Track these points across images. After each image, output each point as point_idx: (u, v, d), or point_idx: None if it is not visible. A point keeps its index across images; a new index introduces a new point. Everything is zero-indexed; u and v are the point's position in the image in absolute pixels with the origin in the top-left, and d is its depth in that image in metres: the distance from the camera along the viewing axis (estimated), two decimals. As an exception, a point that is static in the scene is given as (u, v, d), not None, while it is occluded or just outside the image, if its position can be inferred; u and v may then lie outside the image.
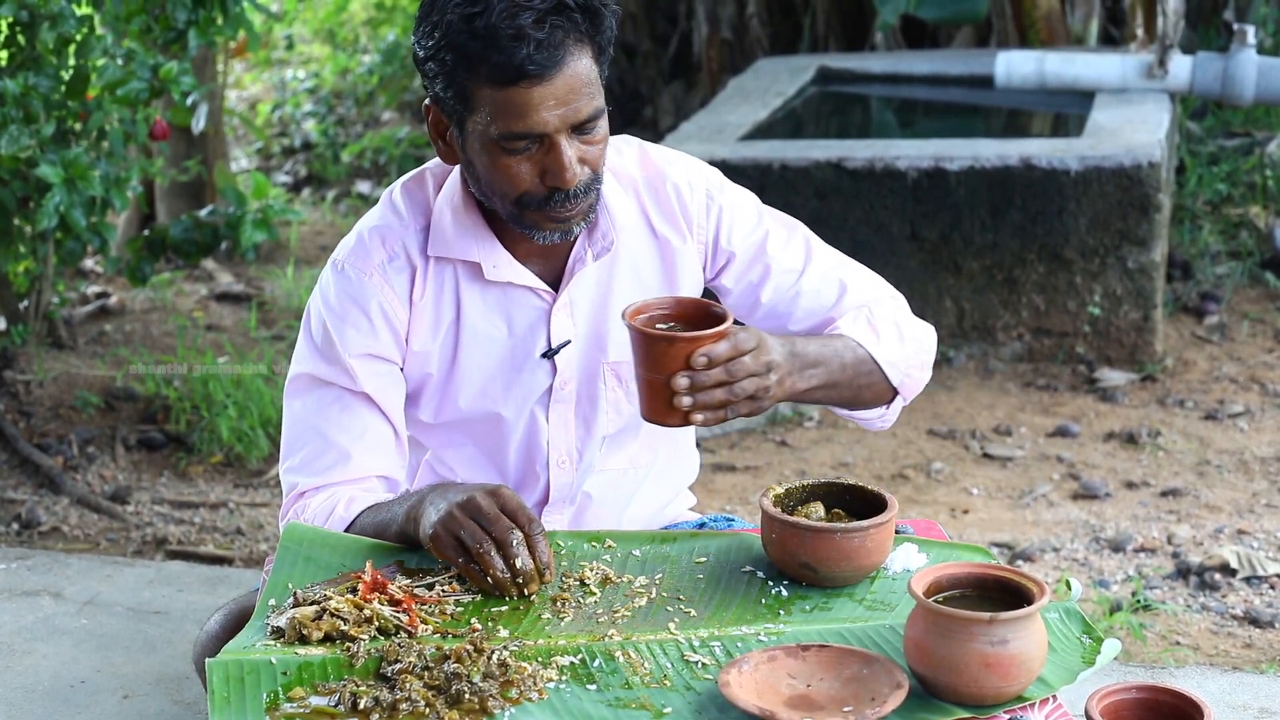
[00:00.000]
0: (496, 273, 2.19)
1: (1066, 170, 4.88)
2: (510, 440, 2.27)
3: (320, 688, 1.79)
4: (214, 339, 5.34)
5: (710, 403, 1.96)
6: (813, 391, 2.13)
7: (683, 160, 2.30)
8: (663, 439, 2.37)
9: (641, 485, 2.37)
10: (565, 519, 2.34)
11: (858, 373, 2.19)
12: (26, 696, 3.13)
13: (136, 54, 4.49)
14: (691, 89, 8.08)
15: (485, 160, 2.07)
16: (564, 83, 2.02)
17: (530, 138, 2.04)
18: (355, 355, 2.19)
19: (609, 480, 2.33)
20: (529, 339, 2.23)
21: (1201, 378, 4.95)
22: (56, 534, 4.09)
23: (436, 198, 2.22)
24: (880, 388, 2.23)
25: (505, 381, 2.24)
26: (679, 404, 1.96)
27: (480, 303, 2.22)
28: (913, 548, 2.09)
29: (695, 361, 1.95)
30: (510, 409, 2.25)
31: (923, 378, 2.29)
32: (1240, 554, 3.73)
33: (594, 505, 2.34)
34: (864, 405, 2.26)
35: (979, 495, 4.24)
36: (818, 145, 5.26)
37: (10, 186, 4.36)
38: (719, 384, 1.96)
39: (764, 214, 2.31)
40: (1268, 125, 6.46)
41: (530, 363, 2.24)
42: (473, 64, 2.01)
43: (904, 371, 2.24)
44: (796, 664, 1.79)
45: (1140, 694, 1.86)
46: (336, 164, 8.08)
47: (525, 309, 2.23)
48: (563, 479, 2.30)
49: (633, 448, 2.34)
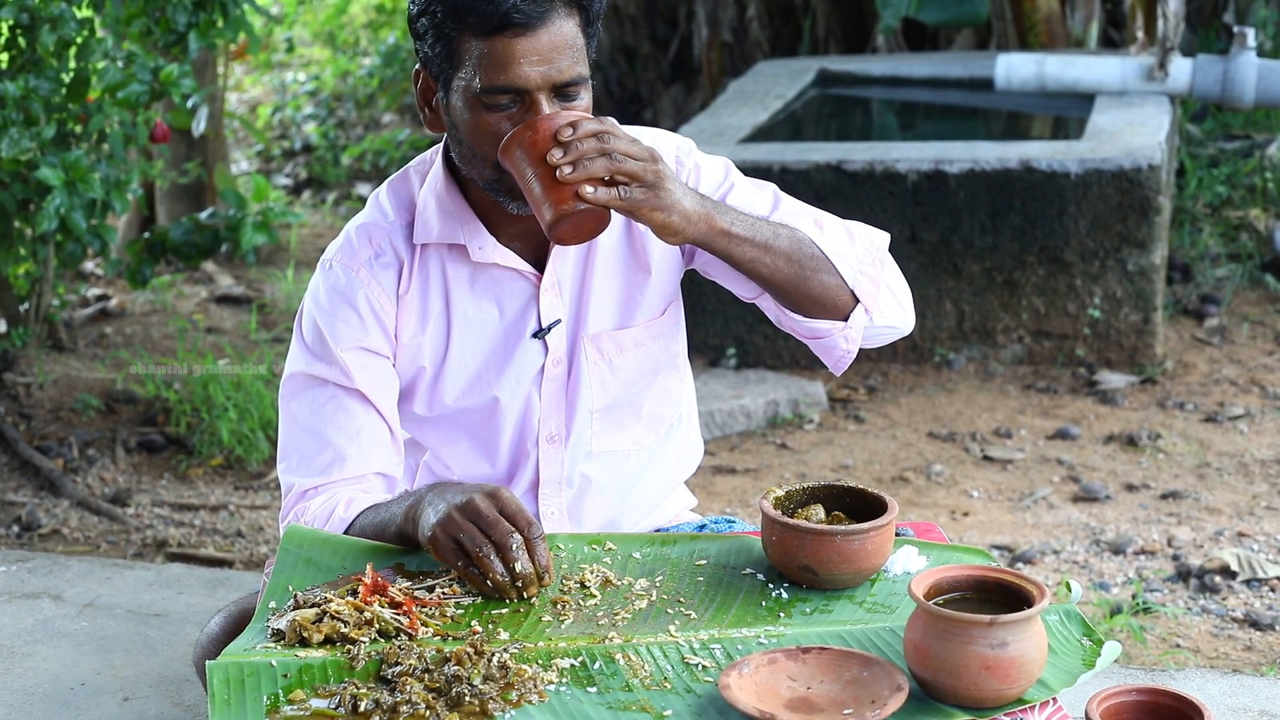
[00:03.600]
0: (482, 254, 2.21)
1: (1066, 173, 4.88)
2: (505, 423, 2.28)
3: (320, 690, 1.79)
4: (214, 341, 5.35)
5: (593, 170, 1.96)
6: (743, 246, 2.09)
7: (652, 132, 2.30)
8: (669, 422, 2.38)
9: (644, 469, 2.37)
10: (564, 501, 2.33)
11: (799, 253, 2.13)
12: (26, 699, 3.13)
13: (137, 57, 4.49)
14: (691, 92, 8.08)
15: (468, 119, 2.09)
16: (548, 39, 2.04)
17: (512, 92, 2.05)
18: (347, 350, 2.21)
19: (610, 462, 2.33)
20: (520, 321, 2.25)
21: (1201, 380, 4.95)
22: (57, 536, 4.09)
23: (421, 191, 2.24)
24: (833, 285, 2.16)
25: (499, 365, 2.26)
26: (562, 176, 1.96)
27: (469, 289, 2.24)
28: (913, 550, 2.09)
29: (562, 134, 1.97)
30: (506, 391, 2.26)
31: (880, 281, 2.21)
32: (1240, 556, 3.73)
33: (594, 488, 2.34)
34: (818, 305, 2.17)
35: (979, 498, 4.24)
36: (818, 148, 5.27)
37: (11, 189, 4.36)
38: (596, 151, 1.97)
39: (731, 171, 2.30)
40: (1268, 128, 6.47)
41: (522, 344, 2.26)
42: (460, 14, 2.05)
43: (855, 269, 2.18)
44: (797, 666, 1.80)
45: (1140, 696, 1.86)
46: (337, 166, 8.09)
47: (513, 291, 2.25)
48: (553, 456, 2.30)
49: (635, 429, 2.34)
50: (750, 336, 5.11)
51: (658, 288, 2.30)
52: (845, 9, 7.61)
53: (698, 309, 5.04)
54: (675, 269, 2.32)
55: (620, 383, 2.29)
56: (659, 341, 2.32)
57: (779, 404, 4.82)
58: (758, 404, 4.79)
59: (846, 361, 2.26)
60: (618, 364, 2.29)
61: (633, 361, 2.30)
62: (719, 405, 4.75)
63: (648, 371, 2.32)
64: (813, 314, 2.20)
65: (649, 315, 2.30)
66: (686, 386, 2.43)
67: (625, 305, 2.29)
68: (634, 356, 2.30)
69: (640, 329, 2.29)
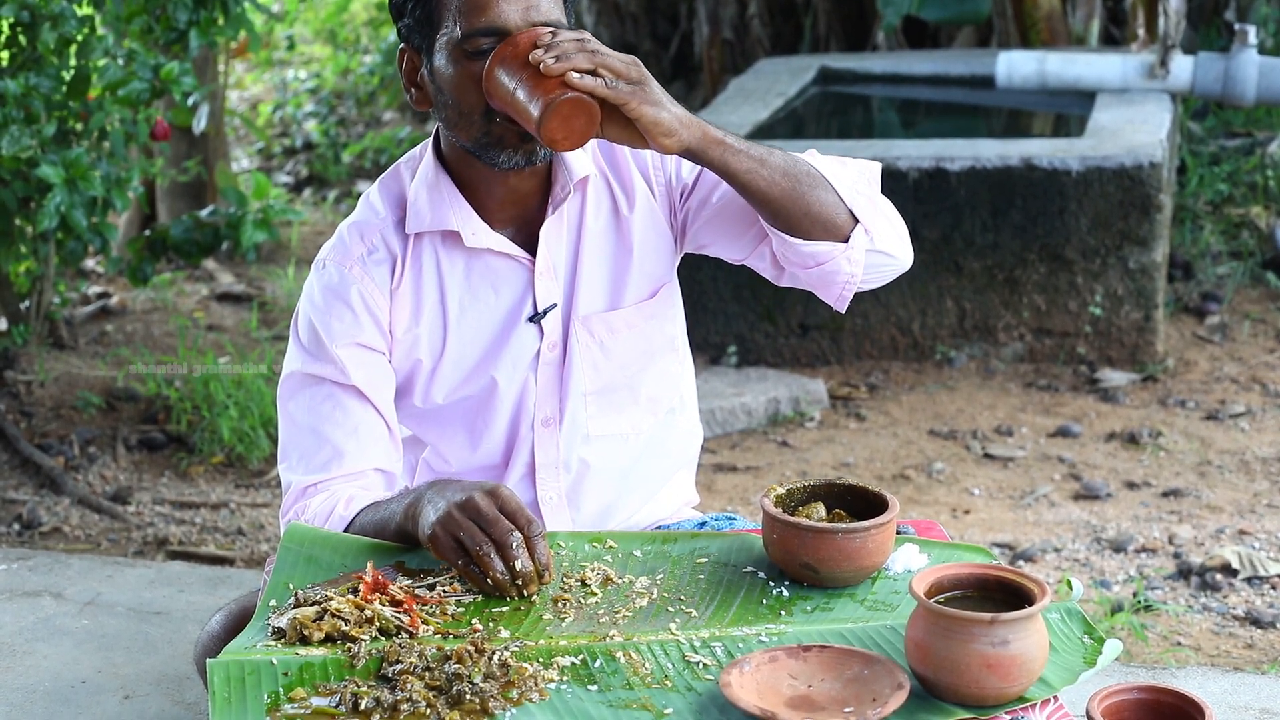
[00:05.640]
0: (475, 239, 2.22)
1: (1068, 170, 4.88)
2: (501, 408, 2.28)
3: (321, 688, 1.79)
4: (215, 339, 5.35)
5: (577, 61, 1.98)
6: (739, 156, 2.09)
7: None
8: (668, 405, 2.37)
9: (643, 453, 2.37)
10: (563, 487, 2.33)
11: (795, 169, 2.14)
12: (27, 697, 3.13)
13: (138, 54, 4.49)
14: (692, 89, 8.08)
15: (453, 77, 2.11)
16: None
17: (493, 34, 2.07)
18: (342, 346, 2.22)
19: (608, 446, 2.33)
20: (515, 306, 2.26)
21: (1203, 378, 4.95)
22: (57, 534, 4.09)
23: (411, 184, 2.25)
24: (830, 202, 2.14)
25: (496, 351, 2.26)
26: (545, 68, 1.97)
27: (463, 277, 2.25)
28: (914, 548, 2.09)
29: (542, 39, 2.01)
30: (504, 376, 2.27)
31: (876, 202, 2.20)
32: (1241, 554, 3.73)
33: (592, 472, 2.33)
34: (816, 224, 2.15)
35: (980, 495, 4.24)
36: (819, 146, 5.25)
37: (11, 187, 4.36)
38: (577, 49, 1.99)
39: None
40: (1269, 125, 6.46)
41: (518, 329, 2.26)
42: None
43: (852, 188, 2.17)
44: (798, 664, 1.79)
45: (1141, 694, 1.86)
46: (337, 164, 8.09)
47: (508, 276, 2.25)
48: (548, 439, 2.30)
49: (633, 412, 2.33)
50: (751, 334, 5.11)
51: (645, 268, 2.30)
52: (846, 7, 7.61)
53: (698, 307, 5.04)
54: (665, 251, 2.32)
55: (614, 365, 2.29)
56: (652, 323, 2.32)
57: (780, 402, 4.82)
58: (759, 402, 4.79)
59: (849, 291, 2.23)
60: (609, 346, 2.29)
61: (625, 343, 2.30)
62: (720, 403, 4.75)
63: (642, 353, 2.32)
64: (812, 234, 2.16)
65: (638, 296, 2.30)
66: (686, 371, 2.43)
67: (614, 287, 2.29)
68: (626, 338, 2.29)
69: (631, 310, 2.29)
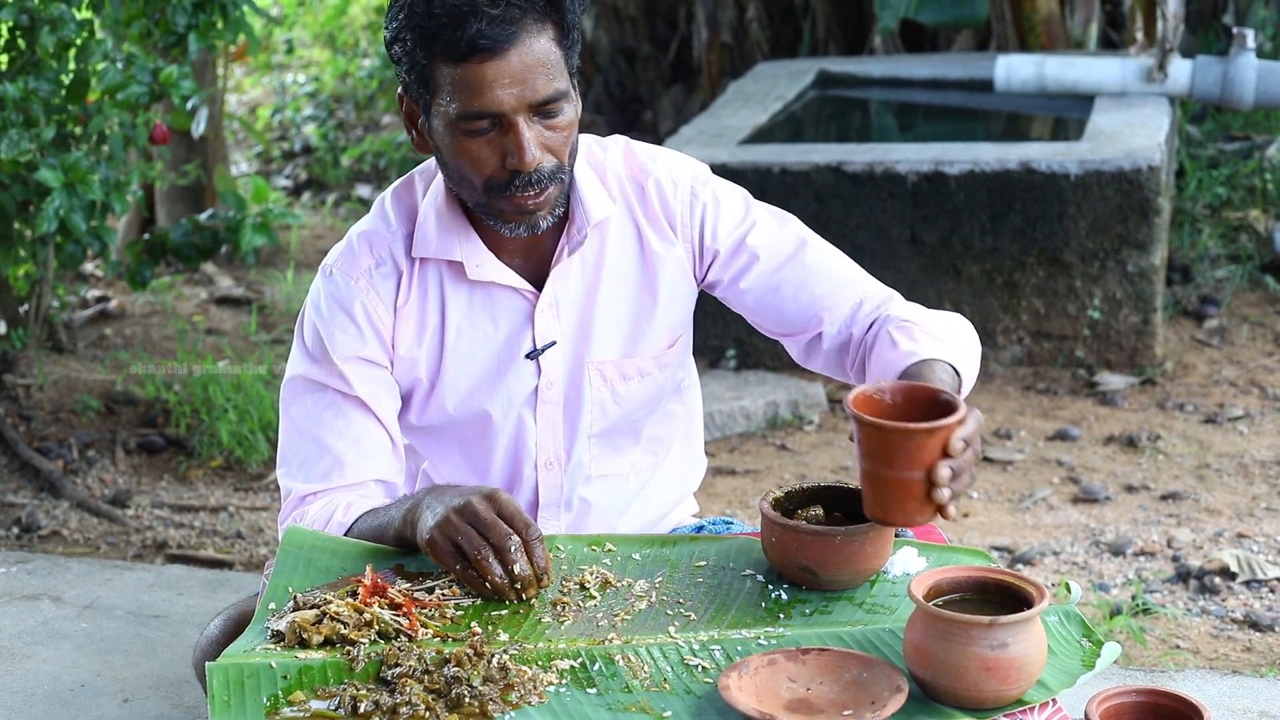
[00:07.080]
0: (479, 272, 2.19)
1: (1066, 174, 4.88)
2: (498, 443, 2.27)
3: (320, 691, 1.79)
4: (214, 342, 5.35)
5: (963, 488, 1.82)
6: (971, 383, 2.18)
7: (666, 156, 2.27)
8: (669, 444, 2.37)
9: (642, 491, 2.36)
10: (563, 525, 2.32)
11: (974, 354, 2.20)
12: (26, 700, 3.13)
13: (137, 58, 4.49)
14: (691, 93, 8.08)
15: (450, 144, 2.08)
16: (519, 60, 2.01)
17: (487, 117, 2.03)
18: (345, 358, 2.19)
19: (608, 486, 2.32)
20: (514, 340, 2.23)
21: (1201, 381, 4.95)
22: (56, 537, 4.09)
23: (423, 201, 2.22)
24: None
25: (491, 383, 2.24)
26: (938, 497, 1.80)
27: (465, 305, 2.22)
28: (912, 551, 2.09)
29: (954, 448, 1.80)
30: (498, 410, 2.25)
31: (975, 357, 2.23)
32: (1240, 557, 3.73)
33: (594, 511, 2.33)
34: None
35: (979, 499, 4.24)
36: (818, 149, 5.27)
37: (10, 190, 4.36)
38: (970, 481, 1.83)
39: (752, 207, 2.28)
40: (1267, 129, 6.47)
41: (516, 364, 2.23)
42: (429, 42, 2.02)
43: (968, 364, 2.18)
44: (796, 667, 1.80)
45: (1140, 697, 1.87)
46: (336, 168, 8.09)
47: (510, 309, 2.22)
48: (551, 480, 2.29)
49: (634, 453, 2.33)
50: (750, 338, 5.11)
51: (667, 318, 2.27)
52: (845, 10, 7.61)
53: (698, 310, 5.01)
54: (687, 299, 2.29)
55: (622, 410, 2.27)
56: (665, 371, 2.29)
57: (779, 405, 4.82)
58: (757, 405, 4.79)
59: None
60: (621, 392, 2.26)
61: (636, 390, 2.27)
62: (719, 406, 4.75)
63: (650, 399, 2.29)
64: None
65: (657, 346, 2.27)
66: (689, 407, 2.41)
67: (632, 334, 2.25)
68: (638, 385, 2.27)
69: (648, 359, 2.27)
